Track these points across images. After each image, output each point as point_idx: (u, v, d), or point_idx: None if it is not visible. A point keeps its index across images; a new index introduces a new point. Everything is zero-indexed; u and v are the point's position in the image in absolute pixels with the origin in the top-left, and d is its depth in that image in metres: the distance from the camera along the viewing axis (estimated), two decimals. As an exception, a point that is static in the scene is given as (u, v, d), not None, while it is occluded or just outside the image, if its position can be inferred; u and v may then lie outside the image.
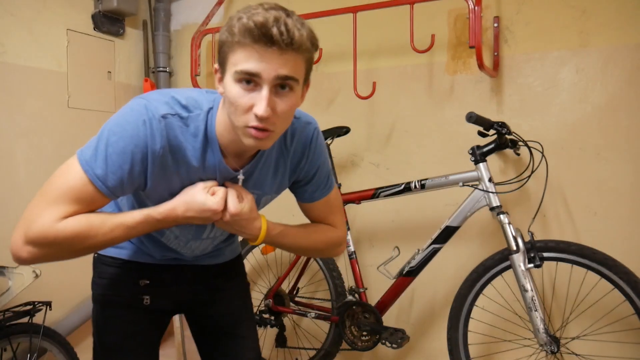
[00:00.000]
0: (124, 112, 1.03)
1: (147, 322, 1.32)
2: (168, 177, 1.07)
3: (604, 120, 2.01)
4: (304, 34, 0.95)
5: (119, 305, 1.29)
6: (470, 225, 2.14)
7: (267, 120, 0.96)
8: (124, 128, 1.00)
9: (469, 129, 1.93)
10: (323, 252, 1.36)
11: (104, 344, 1.30)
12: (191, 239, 1.24)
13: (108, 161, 0.99)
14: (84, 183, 1.00)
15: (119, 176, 1.01)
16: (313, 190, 1.25)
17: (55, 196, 1.00)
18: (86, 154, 1.01)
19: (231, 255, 1.43)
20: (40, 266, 2.09)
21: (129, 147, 1.00)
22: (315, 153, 1.21)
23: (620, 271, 1.66)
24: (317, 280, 2.47)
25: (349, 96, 2.31)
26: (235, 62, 0.95)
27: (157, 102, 1.03)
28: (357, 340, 2.12)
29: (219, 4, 2.67)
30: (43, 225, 0.99)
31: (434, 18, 2.25)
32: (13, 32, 2.29)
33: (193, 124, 1.05)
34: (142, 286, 1.29)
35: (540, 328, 1.73)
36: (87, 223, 1.01)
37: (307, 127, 1.20)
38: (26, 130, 2.34)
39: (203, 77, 2.82)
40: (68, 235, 0.99)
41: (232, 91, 0.96)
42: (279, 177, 1.20)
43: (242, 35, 0.92)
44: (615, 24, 1.99)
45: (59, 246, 1.01)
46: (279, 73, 0.94)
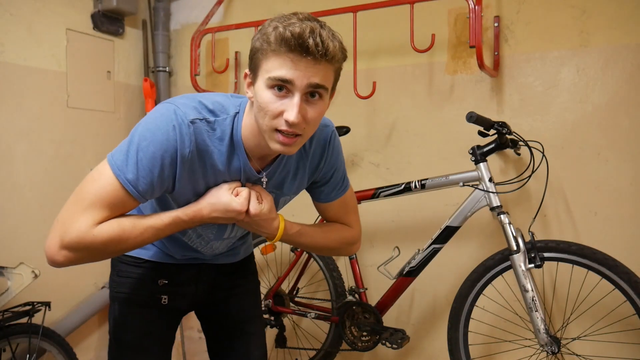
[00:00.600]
0: (154, 117, 1.06)
1: (163, 321, 1.35)
2: (195, 180, 1.11)
3: (605, 120, 2.01)
4: (336, 46, 0.99)
5: (137, 303, 1.32)
6: (471, 226, 2.14)
7: (296, 126, 1.00)
8: (154, 133, 1.03)
9: (469, 129, 1.92)
10: (339, 250, 1.40)
11: (121, 341, 1.34)
12: (213, 239, 1.28)
13: (139, 166, 1.02)
14: (116, 188, 1.03)
15: (149, 180, 1.04)
16: (330, 190, 1.30)
17: (89, 202, 1.03)
18: (117, 159, 1.04)
19: (245, 254, 1.48)
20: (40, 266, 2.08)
21: (159, 152, 1.03)
22: (332, 154, 1.25)
23: (620, 271, 1.66)
24: (317, 281, 2.47)
25: (349, 96, 2.30)
26: (268, 69, 0.99)
27: (185, 107, 1.06)
28: (357, 340, 2.11)
29: (219, 4, 2.67)
30: (79, 230, 1.02)
31: (434, 18, 2.24)
32: (12, 32, 2.29)
33: (220, 128, 1.09)
34: (161, 286, 1.33)
35: (540, 328, 1.73)
36: (119, 228, 1.05)
37: (325, 129, 1.23)
38: (26, 130, 2.34)
39: (203, 76, 2.82)
40: (103, 240, 1.03)
41: (264, 96, 1.00)
42: (299, 179, 1.24)
43: (278, 44, 0.96)
44: (616, 24, 1.98)
45: (94, 250, 1.04)
46: (311, 81, 0.98)
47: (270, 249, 2.36)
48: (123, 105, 2.81)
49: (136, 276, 1.33)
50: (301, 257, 2.32)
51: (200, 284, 1.38)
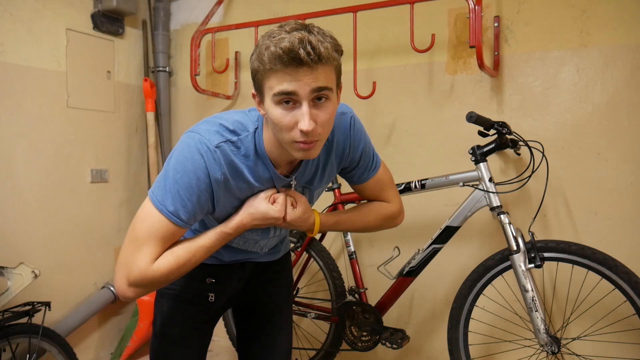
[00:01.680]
0: (181, 149, 1.12)
1: (208, 318, 1.43)
2: (232, 198, 1.19)
3: (605, 120, 2.01)
4: (328, 47, 1.01)
5: (186, 300, 1.38)
6: (471, 225, 2.14)
7: (312, 133, 1.03)
8: (185, 165, 1.10)
9: (469, 129, 1.92)
10: (382, 226, 1.43)
11: (166, 335, 1.39)
12: (260, 240, 1.35)
13: (177, 197, 1.10)
14: (163, 222, 1.11)
15: (189, 208, 1.12)
16: (361, 172, 1.34)
17: (143, 241, 1.12)
18: (157, 195, 1.12)
19: (284, 251, 1.55)
20: (40, 267, 2.09)
21: (194, 181, 1.10)
22: (356, 139, 1.29)
23: (620, 271, 1.66)
24: (317, 281, 2.47)
25: (349, 96, 2.30)
26: (271, 86, 1.03)
27: (208, 133, 1.13)
28: (357, 340, 2.11)
29: (219, 4, 2.67)
30: (140, 269, 1.11)
31: (434, 18, 2.24)
32: (12, 32, 2.29)
33: (243, 146, 1.15)
34: (209, 284, 1.39)
35: (540, 328, 1.73)
36: (174, 258, 1.14)
37: (343, 117, 1.27)
38: (26, 130, 2.34)
39: (202, 76, 2.82)
40: (163, 273, 1.13)
41: (275, 113, 1.04)
42: (327, 171, 1.29)
43: (273, 63, 1.00)
44: (615, 24, 1.99)
45: (157, 282, 1.14)
46: (313, 86, 1.01)
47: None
48: (123, 105, 2.81)
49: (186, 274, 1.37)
50: (301, 257, 2.32)
51: (242, 281, 1.44)
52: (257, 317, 1.49)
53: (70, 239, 2.55)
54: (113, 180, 2.76)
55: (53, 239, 2.46)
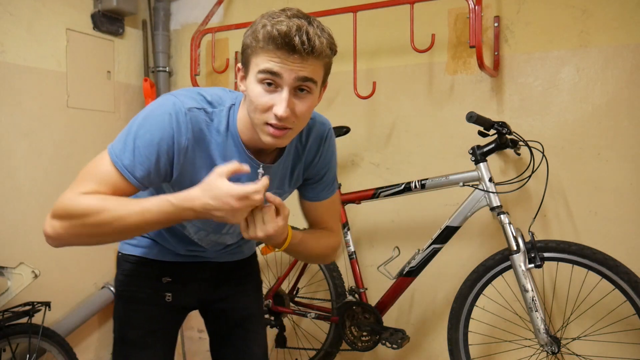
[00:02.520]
0: (152, 106, 1.09)
1: (167, 319, 1.37)
2: (193, 170, 1.12)
3: (605, 120, 2.01)
4: (324, 42, 1.01)
5: (142, 301, 1.34)
6: (471, 226, 2.14)
7: (286, 119, 1.02)
8: (151, 122, 1.06)
9: (469, 129, 1.92)
10: (326, 258, 1.37)
11: (126, 338, 1.34)
12: (211, 232, 1.28)
13: (135, 153, 1.05)
14: (113, 173, 1.05)
15: (146, 167, 1.06)
16: (321, 189, 1.31)
17: (84, 178, 1.06)
18: (116, 147, 1.07)
19: (249, 253, 1.50)
20: (40, 266, 2.09)
21: (156, 140, 1.05)
22: (328, 151, 1.28)
23: (620, 271, 1.66)
24: (317, 281, 2.47)
25: (349, 96, 2.31)
26: (257, 63, 1.02)
27: (184, 96, 1.10)
28: (357, 340, 2.11)
29: (219, 4, 2.67)
30: (66, 198, 1.03)
31: (434, 18, 2.24)
32: (12, 32, 2.29)
33: (217, 119, 1.12)
34: (165, 283, 1.34)
35: (540, 328, 1.73)
36: (103, 198, 1.03)
37: (322, 126, 1.26)
38: (26, 130, 2.34)
39: (203, 76, 2.82)
40: (83, 209, 1.01)
41: (255, 90, 1.03)
42: (295, 175, 1.26)
43: (266, 42, 0.99)
44: (615, 24, 1.98)
45: (74, 217, 1.02)
46: (299, 75, 1.01)
47: (270, 249, 2.35)
48: (123, 105, 2.81)
49: (140, 274, 1.34)
50: (301, 257, 2.32)
51: (203, 282, 1.40)
52: (229, 323, 1.44)
53: (70, 239, 2.55)
54: (113, 180, 2.75)
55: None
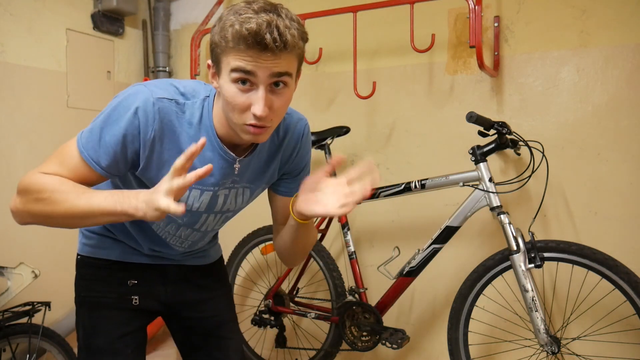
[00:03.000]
0: (121, 97, 1.07)
1: (135, 322, 1.31)
2: (159, 161, 1.09)
3: (604, 120, 2.01)
4: (295, 34, 0.97)
5: (107, 306, 1.28)
6: (471, 225, 2.14)
7: (264, 118, 1.00)
8: (119, 112, 1.05)
9: (469, 129, 1.92)
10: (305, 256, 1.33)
11: (93, 346, 1.29)
12: (182, 226, 1.23)
13: (101, 143, 1.04)
14: (78, 160, 1.06)
15: (111, 157, 1.05)
16: (295, 185, 1.26)
17: (50, 160, 1.07)
18: (84, 137, 1.07)
19: (215, 256, 1.45)
20: (40, 266, 2.08)
21: (122, 131, 1.04)
22: (305, 147, 1.26)
23: (620, 271, 1.66)
24: (317, 281, 2.47)
25: (349, 96, 2.31)
26: (229, 62, 0.98)
27: (155, 87, 1.07)
28: (357, 340, 2.11)
29: (219, 4, 2.67)
30: (28, 174, 1.06)
31: (434, 18, 2.24)
32: (13, 32, 2.29)
33: (189, 111, 1.09)
34: (131, 286, 1.29)
35: (540, 328, 1.73)
36: (60, 181, 1.04)
37: (299, 122, 1.24)
38: (26, 130, 2.34)
39: (203, 76, 2.82)
40: (40, 185, 1.03)
41: (229, 91, 0.99)
42: (270, 170, 1.23)
43: (236, 42, 0.95)
44: (615, 24, 1.98)
45: (30, 195, 1.04)
46: (274, 71, 0.97)
47: (270, 249, 2.36)
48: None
49: (103, 278, 1.29)
50: (301, 257, 2.32)
51: (169, 285, 1.34)
52: (200, 333, 1.38)
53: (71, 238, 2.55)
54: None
55: (53, 239, 2.46)
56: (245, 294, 2.72)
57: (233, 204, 1.24)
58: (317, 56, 2.27)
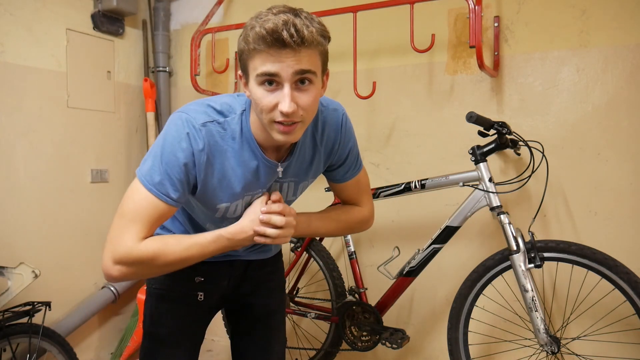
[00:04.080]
0: (168, 128, 1.13)
1: (197, 318, 1.41)
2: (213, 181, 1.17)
3: (605, 120, 2.01)
4: (313, 31, 1.02)
5: (174, 300, 1.38)
6: (471, 225, 2.14)
7: (292, 115, 1.04)
8: (172, 143, 1.11)
9: (469, 129, 1.92)
10: (353, 229, 1.43)
11: (156, 335, 1.38)
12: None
13: (164, 175, 1.11)
14: (150, 199, 1.11)
15: (178, 186, 1.12)
16: (345, 171, 1.34)
17: (131, 218, 1.12)
18: (144, 172, 1.12)
19: (276, 250, 1.53)
20: (40, 266, 2.09)
21: (180, 159, 1.10)
22: (346, 137, 1.29)
23: (620, 271, 1.66)
24: (317, 281, 2.47)
25: (349, 96, 2.31)
26: (255, 67, 1.04)
27: (195, 112, 1.13)
28: (357, 340, 2.11)
29: (219, 4, 2.67)
30: (126, 246, 1.10)
31: (434, 18, 2.24)
32: (13, 32, 2.29)
33: (230, 128, 1.15)
34: (198, 283, 1.37)
35: (540, 328, 1.73)
36: (163, 243, 1.13)
37: (335, 113, 1.28)
38: (26, 130, 2.34)
39: (203, 76, 2.82)
40: (149, 255, 1.11)
41: (257, 93, 1.05)
42: (315, 165, 1.28)
43: (257, 43, 1.01)
44: (615, 24, 1.99)
45: (142, 264, 1.12)
46: (296, 69, 1.02)
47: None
48: (123, 105, 2.81)
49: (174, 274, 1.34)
50: (301, 257, 2.32)
51: (232, 279, 1.42)
52: (250, 319, 1.47)
53: (70, 239, 2.55)
54: (113, 180, 2.76)
55: (53, 239, 2.46)
56: (245, 294, 2.72)
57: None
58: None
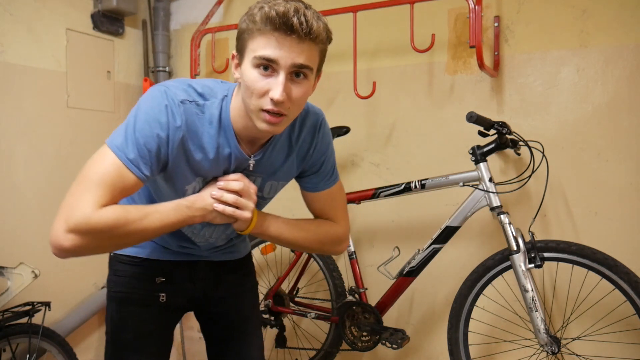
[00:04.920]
0: (146, 99, 1.09)
1: (162, 320, 1.35)
2: (185, 162, 1.12)
3: (605, 120, 2.01)
4: (321, 26, 1.01)
5: (135, 302, 1.32)
6: (471, 226, 2.14)
7: (281, 104, 1.02)
8: (148, 113, 1.06)
9: (469, 129, 1.92)
10: (323, 247, 1.34)
11: (119, 341, 1.33)
12: (205, 226, 1.26)
13: (138, 145, 1.05)
14: (119, 168, 1.04)
15: (148, 158, 1.06)
16: (318, 180, 1.29)
17: (93, 183, 1.03)
18: (117, 141, 1.07)
19: (244, 252, 1.48)
20: (40, 266, 2.09)
21: (155, 131, 1.06)
22: (322, 141, 1.26)
23: (620, 271, 1.66)
24: (317, 281, 2.47)
25: (349, 96, 2.31)
26: (254, 48, 1.01)
27: (175, 88, 1.09)
28: (357, 340, 2.11)
29: (219, 4, 2.67)
30: (84, 212, 1.00)
31: (434, 18, 2.24)
32: (12, 32, 2.29)
33: (208, 111, 1.11)
34: (159, 283, 1.33)
35: (540, 328, 1.73)
36: (124, 210, 1.05)
37: (315, 116, 1.25)
38: (26, 130, 2.34)
39: (203, 76, 2.82)
40: (108, 224, 1.02)
41: (250, 76, 1.02)
42: (287, 165, 1.24)
43: (264, 22, 0.98)
44: (615, 24, 1.98)
45: (99, 234, 1.02)
46: (296, 61, 1.00)
47: (270, 249, 2.36)
48: (123, 105, 2.81)
49: (134, 275, 1.33)
50: (301, 257, 2.32)
51: (198, 282, 1.37)
52: (225, 326, 1.42)
53: (70, 239, 2.55)
54: (113, 180, 2.75)
55: (53, 239, 2.46)
56: (245, 294, 2.72)
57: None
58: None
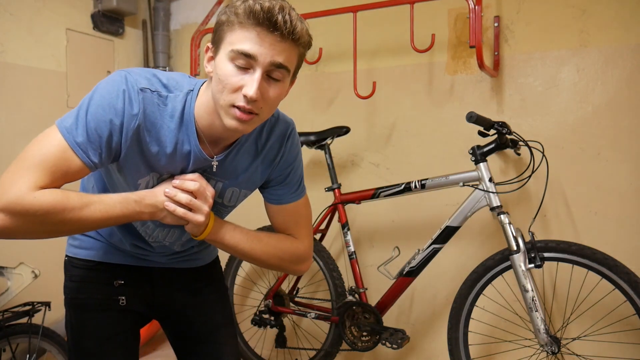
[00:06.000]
0: (105, 83, 1.03)
1: (125, 323, 1.28)
2: (140, 154, 1.06)
3: (605, 120, 2.01)
4: (304, 28, 0.99)
5: (94, 308, 1.26)
6: (471, 226, 2.14)
7: (254, 103, 0.98)
8: (104, 97, 1.00)
9: (469, 129, 1.92)
10: (281, 264, 1.25)
11: (82, 349, 1.26)
12: (158, 226, 1.20)
13: (88, 129, 0.99)
14: (64, 150, 0.98)
15: (98, 144, 1.00)
16: (283, 192, 1.23)
17: (33, 163, 0.96)
18: (66, 122, 1.00)
19: (208, 259, 1.40)
20: (40, 266, 2.09)
21: (108, 116, 0.99)
22: (290, 151, 1.20)
23: (620, 271, 1.66)
24: (317, 281, 2.47)
25: (349, 96, 2.31)
26: (232, 42, 0.97)
27: (137, 75, 1.03)
28: (357, 340, 2.11)
29: (219, 4, 2.67)
30: (18, 192, 0.93)
31: (434, 18, 2.24)
32: (13, 32, 2.29)
33: (171, 104, 1.05)
34: (117, 286, 1.27)
35: (540, 328, 1.73)
36: (64, 195, 0.97)
37: (285, 124, 1.20)
38: (25, 130, 2.34)
39: (203, 76, 2.81)
40: (44, 206, 0.94)
41: (225, 69, 0.98)
42: (251, 171, 1.18)
43: (247, 16, 0.94)
44: (615, 24, 1.99)
45: (32, 217, 0.94)
46: (275, 59, 0.97)
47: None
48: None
49: (90, 279, 1.27)
50: (301, 257, 2.32)
51: (156, 288, 1.31)
52: (195, 339, 1.34)
53: (70, 239, 2.55)
54: (113, 180, 2.76)
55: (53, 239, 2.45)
56: (245, 294, 2.72)
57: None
58: (317, 56, 2.27)
